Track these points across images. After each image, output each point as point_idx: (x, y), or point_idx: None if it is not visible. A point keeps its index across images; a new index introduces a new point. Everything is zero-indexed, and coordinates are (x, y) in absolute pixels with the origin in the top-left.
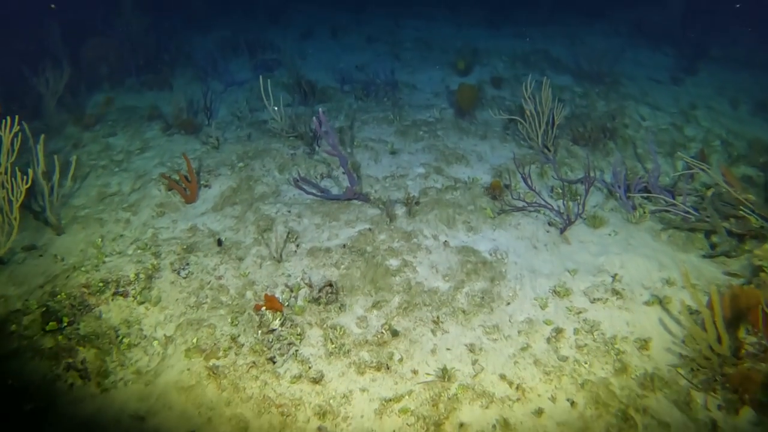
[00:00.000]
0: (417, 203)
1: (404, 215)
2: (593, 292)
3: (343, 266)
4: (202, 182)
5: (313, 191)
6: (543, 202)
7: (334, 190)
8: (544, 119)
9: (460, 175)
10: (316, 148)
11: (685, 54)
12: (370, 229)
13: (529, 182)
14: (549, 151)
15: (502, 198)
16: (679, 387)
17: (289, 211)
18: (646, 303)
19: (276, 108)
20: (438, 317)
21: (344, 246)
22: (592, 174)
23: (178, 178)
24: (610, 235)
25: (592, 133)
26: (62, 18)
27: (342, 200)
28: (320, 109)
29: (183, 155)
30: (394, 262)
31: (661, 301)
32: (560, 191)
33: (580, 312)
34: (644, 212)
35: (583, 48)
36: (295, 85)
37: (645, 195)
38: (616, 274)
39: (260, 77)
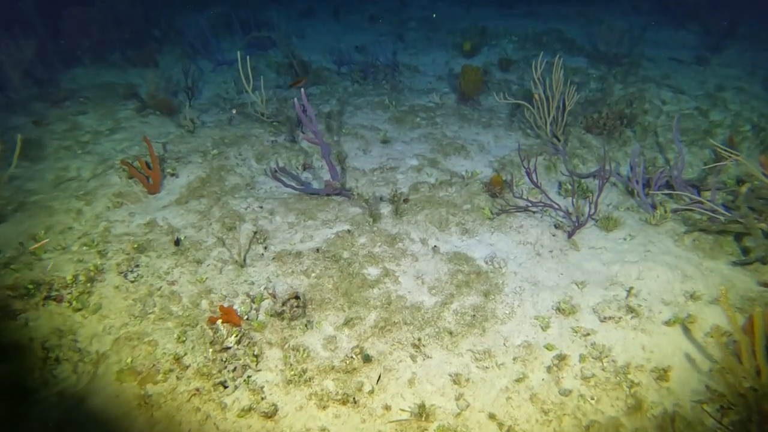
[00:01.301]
0: (406, 201)
1: (390, 215)
2: (604, 309)
3: (314, 274)
4: (168, 170)
5: (292, 184)
6: (549, 201)
7: (316, 183)
8: (554, 104)
9: (458, 168)
10: (300, 134)
11: (712, 31)
12: (349, 231)
13: (534, 178)
14: (558, 141)
15: (503, 195)
16: (705, 429)
17: (261, 207)
18: (667, 323)
19: (258, 92)
20: (420, 339)
21: (318, 250)
22: (606, 167)
23: (139, 165)
24: (625, 239)
25: (608, 120)
26: None
27: (322, 195)
28: (302, 90)
29: (144, 139)
30: (373, 271)
31: (684, 321)
32: (569, 187)
33: (588, 334)
34: (665, 212)
35: (599, 28)
36: (288, 66)
37: (667, 192)
38: (631, 288)
39: (246, 57)
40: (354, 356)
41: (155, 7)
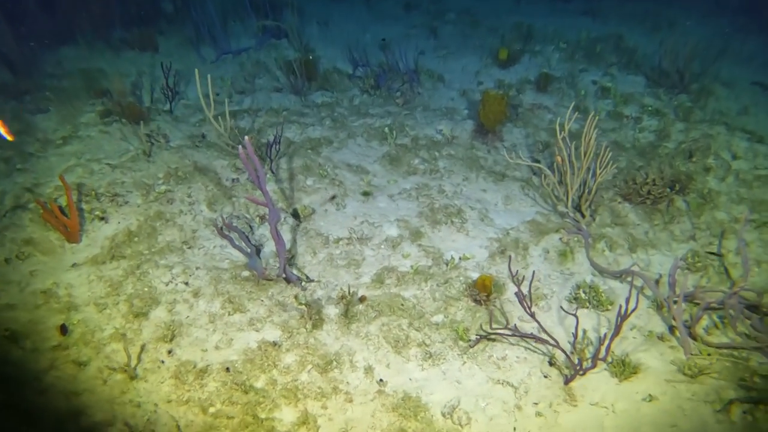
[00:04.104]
0: (362, 300)
1: (338, 318)
2: None
3: (212, 410)
4: (97, 212)
5: (242, 246)
6: (544, 334)
7: (268, 248)
8: (579, 177)
9: (446, 246)
10: (273, 172)
11: None
12: (275, 343)
13: (527, 302)
14: (583, 217)
15: (491, 305)
16: None
17: (187, 284)
18: None
19: (220, 117)
20: None
21: (228, 369)
22: (637, 268)
23: (52, 210)
24: (644, 399)
25: (654, 186)
26: None
27: (259, 276)
28: (246, 138)
29: (60, 179)
30: (287, 416)
31: None
32: (583, 295)
33: None
34: (709, 356)
35: (671, 35)
36: (293, 66)
37: (718, 312)
38: None
39: (208, 75)
40: None
41: None
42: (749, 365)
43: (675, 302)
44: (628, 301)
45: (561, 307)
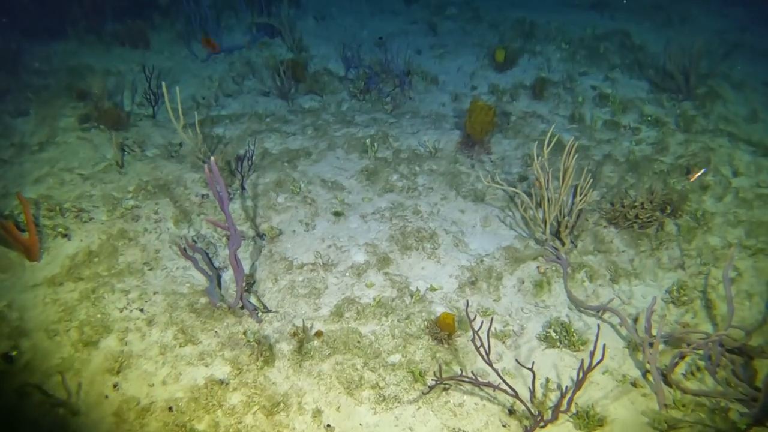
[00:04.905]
0: (318, 335)
1: (291, 355)
2: None
3: None
4: (60, 229)
5: (205, 269)
6: (501, 383)
7: (232, 271)
8: (556, 206)
9: (414, 274)
10: (243, 189)
11: None
12: (222, 381)
13: (485, 351)
14: (563, 244)
15: (453, 344)
16: None
17: (142, 311)
18: None
19: (191, 129)
20: None
21: (170, 409)
22: (616, 304)
23: (9, 228)
24: None
25: (642, 208)
26: None
27: (214, 305)
28: (211, 158)
29: (18, 197)
30: None
31: None
32: (553, 335)
33: None
34: (684, 408)
35: (681, 30)
36: (284, 68)
37: (699, 353)
38: None
39: (177, 88)
40: None
41: None
42: (728, 416)
43: (651, 344)
44: (594, 351)
45: (516, 360)
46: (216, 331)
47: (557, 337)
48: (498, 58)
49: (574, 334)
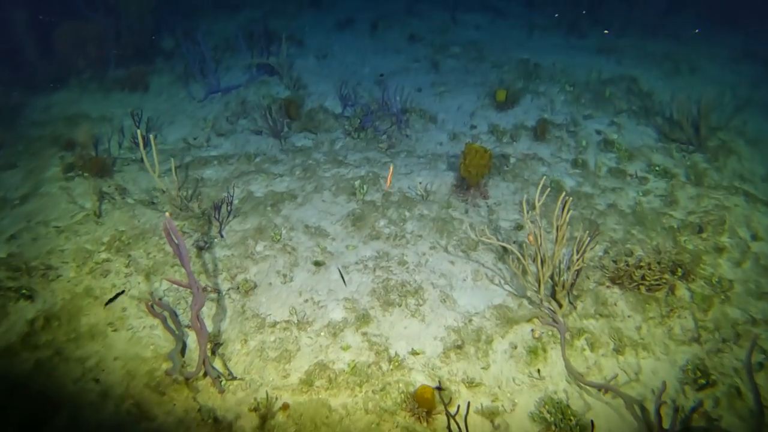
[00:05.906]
0: (285, 407)
1: None
2: None
3: None
4: (24, 291)
5: (172, 328)
6: None
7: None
8: (552, 264)
9: (396, 335)
10: (221, 236)
11: None
12: None
13: None
14: (560, 306)
15: (432, 423)
16: None
17: (98, 381)
18: None
19: (169, 177)
20: None
21: None
22: (622, 381)
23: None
24: None
25: (649, 271)
26: None
27: (173, 373)
28: (167, 213)
29: None
30: None
31: None
32: (548, 417)
33: None
34: None
35: (690, 80)
36: (276, 107)
37: None
38: None
39: (154, 135)
40: None
41: (177, 12)
42: None
43: None
44: None
45: None
46: (174, 404)
47: (552, 419)
48: (499, 98)
49: (572, 418)
